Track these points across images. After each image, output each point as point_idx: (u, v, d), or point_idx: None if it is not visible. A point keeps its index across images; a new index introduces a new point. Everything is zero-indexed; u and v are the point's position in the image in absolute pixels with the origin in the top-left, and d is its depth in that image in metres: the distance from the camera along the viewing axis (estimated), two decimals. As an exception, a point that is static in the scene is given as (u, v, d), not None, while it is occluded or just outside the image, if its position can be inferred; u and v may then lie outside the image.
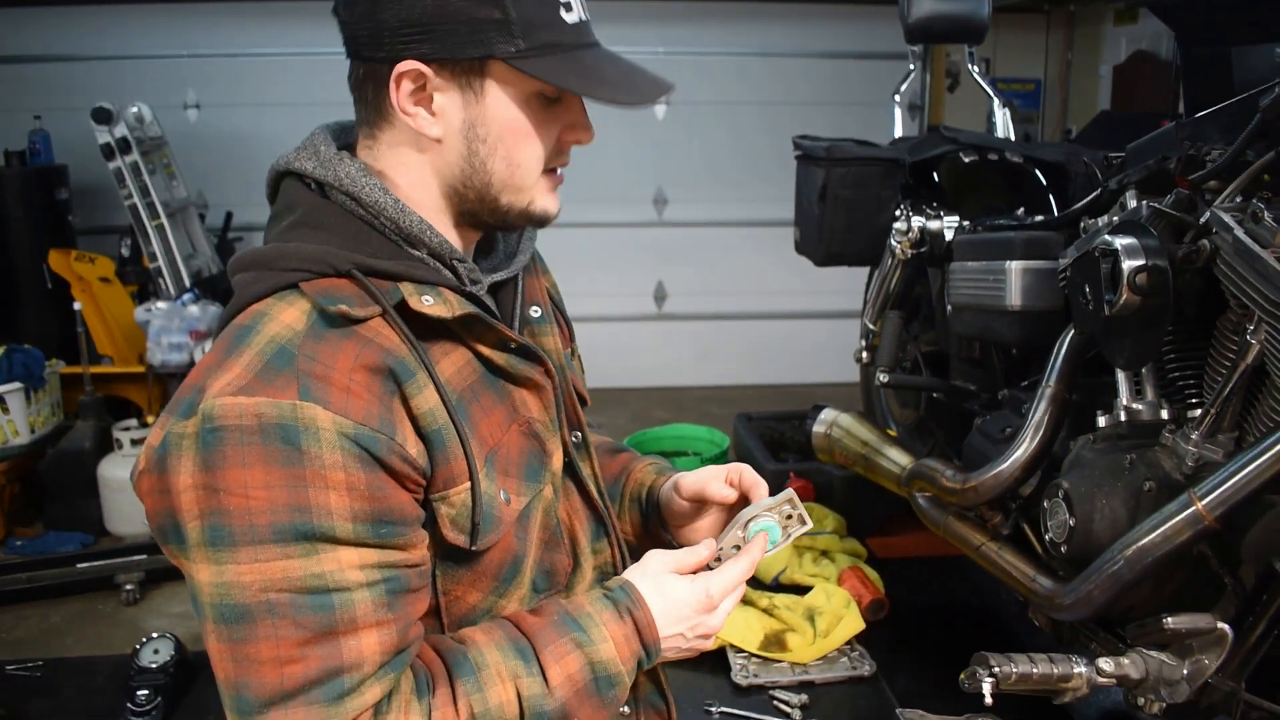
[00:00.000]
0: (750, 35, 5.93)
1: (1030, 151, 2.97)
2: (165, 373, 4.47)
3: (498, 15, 1.00)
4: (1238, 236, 1.71)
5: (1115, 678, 1.80)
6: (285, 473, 0.92)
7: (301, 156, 1.10)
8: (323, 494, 0.93)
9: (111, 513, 4.03)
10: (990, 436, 2.38)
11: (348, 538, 0.95)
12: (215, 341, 1.01)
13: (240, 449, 0.92)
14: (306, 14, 5.70)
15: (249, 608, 0.92)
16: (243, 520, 0.92)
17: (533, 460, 1.16)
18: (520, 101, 1.06)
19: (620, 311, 5.71)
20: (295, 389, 0.93)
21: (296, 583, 0.93)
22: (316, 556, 0.93)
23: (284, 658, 0.93)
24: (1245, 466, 1.64)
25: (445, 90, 1.05)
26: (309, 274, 1.01)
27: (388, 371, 0.99)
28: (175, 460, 0.94)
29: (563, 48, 1.05)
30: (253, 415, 0.92)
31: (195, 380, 0.97)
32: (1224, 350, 1.84)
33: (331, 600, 0.94)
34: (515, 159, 1.09)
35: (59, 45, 5.61)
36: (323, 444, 0.93)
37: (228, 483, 0.92)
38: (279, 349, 0.96)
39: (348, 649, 0.95)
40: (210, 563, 0.93)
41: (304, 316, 0.99)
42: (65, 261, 4.80)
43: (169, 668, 2.93)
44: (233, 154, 5.76)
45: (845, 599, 2.91)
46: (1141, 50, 5.69)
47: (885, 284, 3.14)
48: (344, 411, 0.94)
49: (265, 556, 0.92)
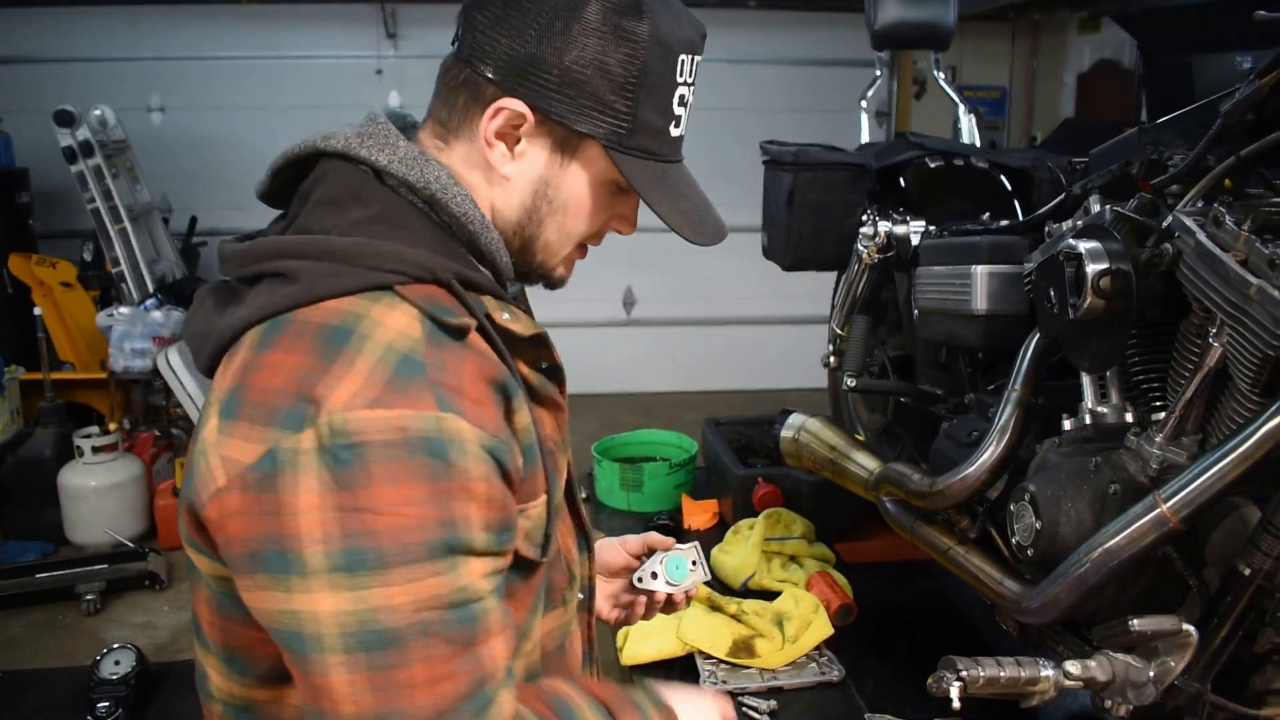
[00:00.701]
0: (718, 42, 5.91)
1: (996, 157, 2.99)
2: (128, 379, 4.43)
3: (622, 108, 1.03)
4: (1200, 240, 1.73)
5: (1082, 680, 1.80)
6: (434, 487, 0.89)
7: (370, 145, 1.05)
8: (466, 506, 0.91)
9: (72, 522, 3.98)
10: (957, 440, 2.39)
11: (482, 548, 0.93)
12: (277, 336, 0.94)
13: (387, 465, 0.87)
14: (272, 17, 5.67)
15: (400, 631, 0.87)
16: (394, 540, 0.87)
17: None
18: (596, 182, 1.09)
19: (589, 317, 5.70)
20: (432, 400, 0.90)
21: (445, 599, 0.90)
22: (458, 570, 0.91)
23: (438, 676, 0.89)
24: (1209, 469, 1.65)
25: (536, 142, 1.06)
26: (406, 278, 0.97)
27: (500, 385, 0.99)
28: (291, 478, 0.87)
29: (656, 157, 1.08)
30: (396, 429, 0.87)
31: (291, 386, 0.89)
32: (1187, 353, 1.85)
33: (473, 611, 0.92)
34: (567, 228, 1.12)
35: (20, 46, 5.55)
36: (468, 456, 0.91)
37: (374, 501, 0.86)
38: (402, 358, 0.91)
39: (486, 657, 0.93)
40: (344, 589, 0.87)
41: (416, 323, 0.94)
42: (26, 266, 4.75)
43: (130, 679, 2.89)
44: (197, 158, 5.72)
45: (814, 604, 2.90)
46: (1105, 59, 5.76)
47: (852, 289, 3.15)
48: (480, 423, 0.92)
49: (417, 575, 0.88)
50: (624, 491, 3.71)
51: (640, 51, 1.01)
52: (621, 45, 1.01)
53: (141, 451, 4.24)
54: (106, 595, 3.55)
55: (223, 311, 1.02)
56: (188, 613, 3.23)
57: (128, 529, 3.97)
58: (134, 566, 3.67)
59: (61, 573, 3.62)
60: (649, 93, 1.03)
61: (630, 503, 3.69)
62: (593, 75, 1.01)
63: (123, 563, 3.69)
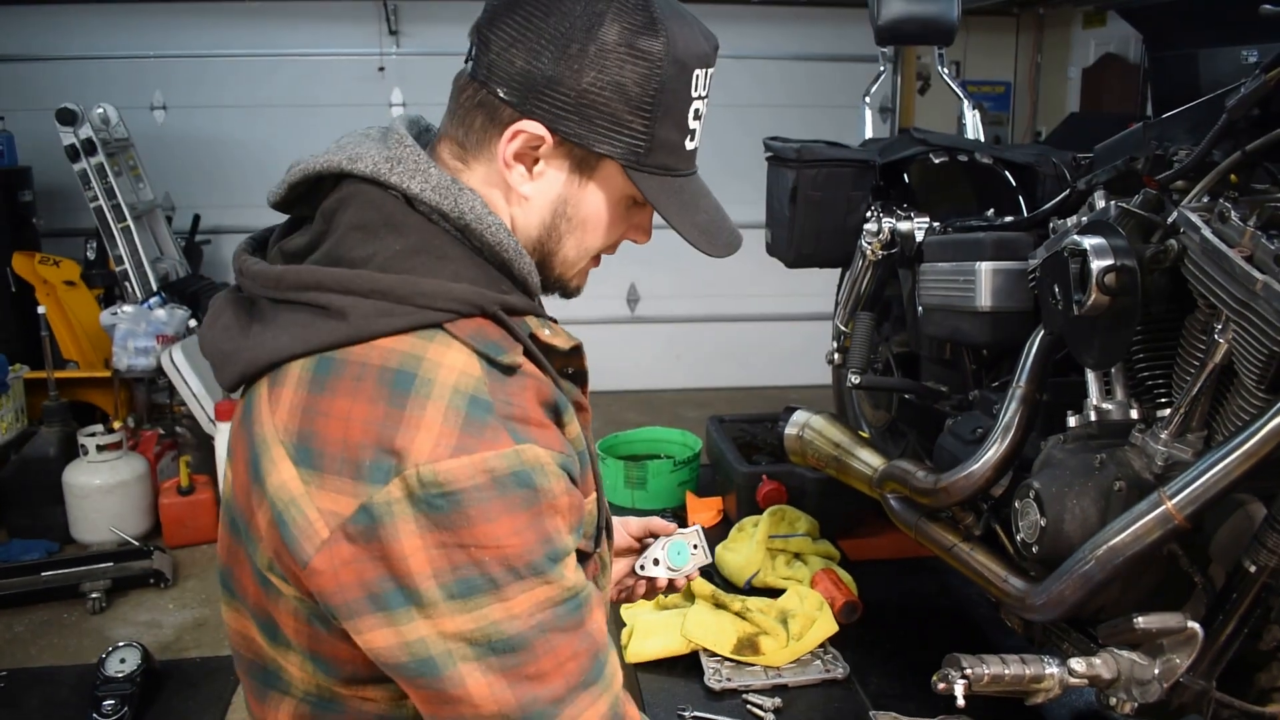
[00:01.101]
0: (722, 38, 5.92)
1: (1000, 153, 2.97)
2: (132, 377, 4.43)
3: (639, 127, 1.04)
4: (1205, 236, 1.72)
5: (1087, 678, 1.80)
6: (529, 515, 0.96)
7: (400, 171, 1.04)
8: (555, 520, 1.00)
9: (76, 520, 3.98)
10: (961, 437, 2.38)
11: (573, 546, 1.04)
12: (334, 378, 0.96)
13: (481, 508, 0.93)
14: (275, 14, 5.67)
15: (524, 635, 0.97)
16: (500, 568, 0.95)
17: None
18: (614, 199, 1.11)
19: (593, 314, 5.70)
20: (507, 436, 0.96)
21: (556, 598, 0.99)
22: (560, 572, 1.00)
23: (563, 661, 0.99)
24: (1214, 465, 1.65)
25: (555, 162, 1.07)
26: (455, 315, 1.00)
27: (553, 405, 1.06)
28: (391, 528, 0.92)
29: (673, 172, 1.09)
30: (483, 472, 0.93)
31: (369, 440, 0.93)
32: (1192, 349, 1.84)
33: (578, 599, 1.02)
34: (585, 243, 1.14)
35: (23, 45, 5.55)
36: (550, 478, 0.98)
37: (477, 539, 0.93)
38: (470, 399, 0.96)
39: (595, 630, 1.04)
40: (463, 613, 0.94)
41: (474, 361, 0.99)
42: (29, 264, 4.75)
43: (135, 677, 2.90)
44: (200, 155, 5.72)
45: (818, 601, 2.90)
46: (1110, 53, 5.74)
47: (856, 285, 3.14)
48: (549, 445, 1.00)
49: (529, 588, 0.97)
50: (628, 489, 3.71)
51: (657, 71, 1.02)
52: (638, 65, 1.02)
53: (146, 450, 4.25)
54: (111, 593, 3.55)
55: (248, 330, 1.03)
56: (192, 610, 3.25)
57: (132, 527, 3.97)
58: (139, 565, 3.67)
59: (66, 571, 3.62)
60: (666, 111, 1.04)
61: (634, 500, 3.69)
62: (610, 96, 1.02)
63: (127, 561, 3.70)
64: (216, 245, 5.69)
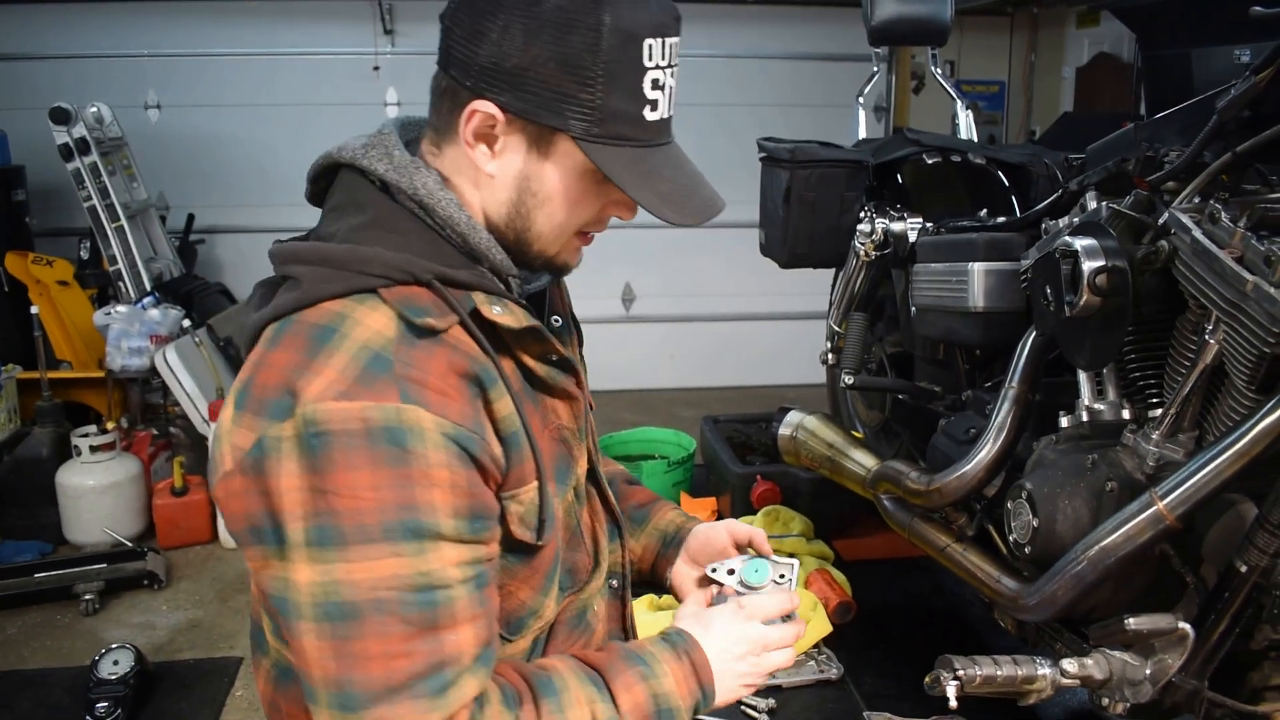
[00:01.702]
0: (715, 38, 5.94)
1: (993, 153, 2.98)
2: (125, 377, 4.42)
3: (584, 96, 1.03)
4: (1195, 237, 1.73)
5: (1079, 679, 1.81)
6: (393, 473, 0.96)
7: (372, 155, 1.11)
8: (428, 492, 0.97)
9: (70, 521, 3.96)
10: (954, 438, 2.38)
11: (450, 534, 0.99)
12: (281, 335, 1.02)
13: (348, 452, 0.95)
14: (270, 13, 5.65)
15: (357, 605, 0.95)
16: (353, 520, 0.95)
17: (562, 465, 1.21)
18: (577, 172, 1.09)
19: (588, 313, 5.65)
20: (396, 393, 0.97)
21: (405, 580, 0.96)
22: (424, 555, 0.97)
23: (391, 653, 0.96)
24: (1205, 466, 1.66)
25: (513, 140, 1.08)
26: (389, 281, 1.04)
27: (474, 377, 1.04)
28: (275, 463, 0.96)
29: (634, 143, 1.07)
30: (358, 419, 0.95)
31: (278, 380, 0.98)
32: (1183, 350, 1.85)
33: (436, 596, 0.98)
34: (556, 219, 1.12)
35: (16, 44, 5.52)
36: (428, 444, 0.97)
37: (336, 485, 0.95)
38: (374, 355, 0.99)
39: (449, 643, 0.99)
40: (315, 562, 0.96)
41: (392, 323, 1.02)
42: (22, 264, 4.73)
43: (129, 679, 2.88)
44: (194, 155, 5.69)
45: (812, 602, 2.90)
46: (1104, 52, 5.74)
47: (850, 286, 3.14)
48: (443, 413, 0.98)
49: (375, 555, 0.95)
50: (622, 489, 3.71)
51: (599, 41, 1.01)
52: (579, 37, 1.01)
53: (139, 450, 4.23)
54: (105, 595, 3.53)
55: (260, 307, 1.10)
56: (186, 612, 3.24)
57: (126, 528, 3.95)
58: (132, 566, 3.66)
59: (59, 572, 3.60)
60: (613, 81, 1.03)
61: (628, 500, 3.69)
62: (554, 70, 1.02)
63: (121, 562, 3.68)
64: (211, 245, 5.67)
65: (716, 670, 1.19)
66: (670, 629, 1.23)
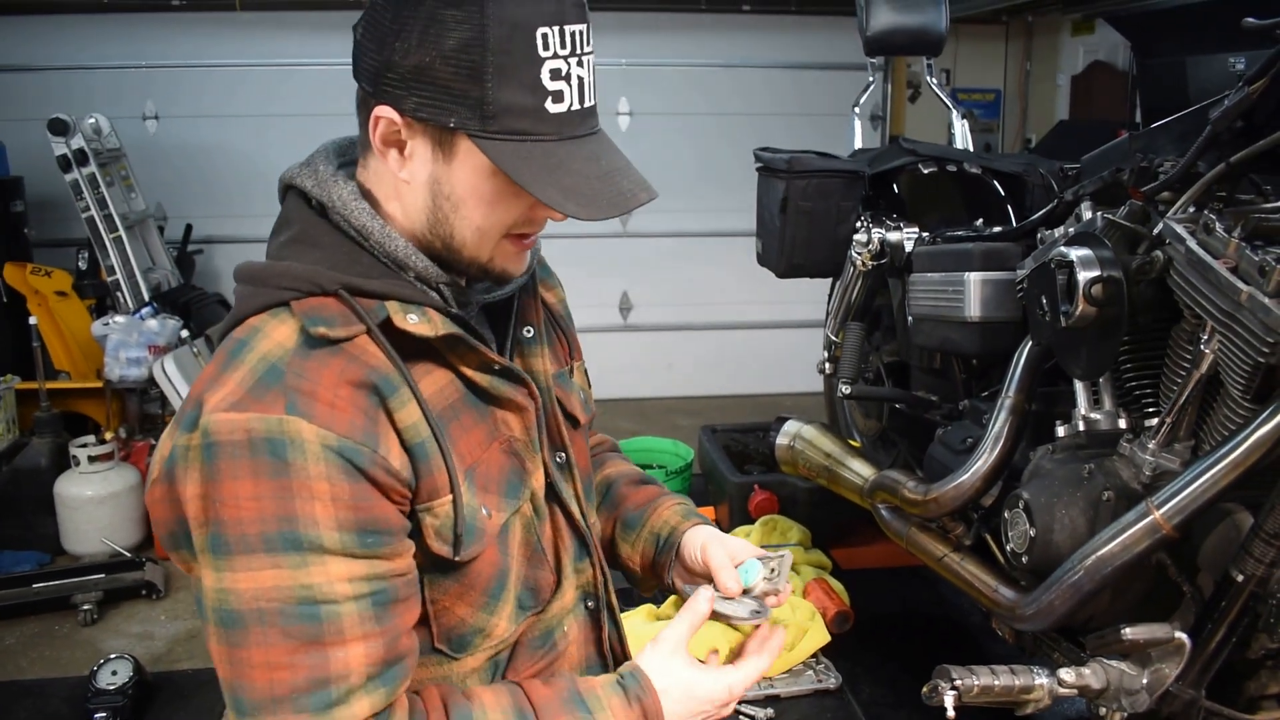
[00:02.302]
0: (712, 46, 5.95)
1: (988, 162, 2.99)
2: (123, 388, 4.42)
3: (475, 93, 1.00)
4: (1190, 247, 1.73)
5: (1076, 688, 1.81)
6: (272, 484, 0.95)
7: (303, 173, 1.13)
8: (308, 504, 0.96)
9: (68, 531, 3.96)
10: (951, 447, 2.39)
11: (335, 548, 0.97)
12: (216, 352, 1.05)
13: (232, 463, 0.95)
14: (266, 24, 5.67)
15: (242, 614, 0.96)
16: (235, 530, 0.95)
17: (512, 478, 1.17)
18: (484, 172, 1.04)
19: (585, 323, 5.66)
20: (283, 404, 0.97)
21: (286, 593, 0.96)
22: (306, 568, 0.96)
23: (273, 664, 0.96)
24: (1201, 475, 1.66)
25: (418, 143, 1.05)
26: (298, 293, 1.04)
27: (371, 387, 1.02)
28: (182, 471, 0.99)
29: (535, 137, 1.02)
30: (243, 430, 0.96)
31: (196, 392, 1.01)
32: (1179, 360, 1.85)
33: (319, 611, 0.97)
34: (476, 222, 1.08)
35: (14, 55, 5.53)
36: (307, 456, 0.96)
37: (222, 495, 0.96)
38: (270, 366, 0.99)
39: (335, 660, 0.97)
40: (211, 569, 0.97)
41: (294, 334, 1.02)
42: (21, 275, 4.74)
43: (127, 689, 2.88)
44: (192, 166, 5.70)
45: (810, 611, 2.90)
46: (1099, 60, 5.76)
47: (847, 295, 3.15)
48: (328, 425, 0.97)
49: (256, 565, 0.95)
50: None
51: (485, 34, 0.98)
52: (464, 31, 0.98)
53: (138, 460, 4.23)
54: (103, 605, 3.53)
55: None
56: (185, 622, 3.22)
57: (124, 538, 3.95)
58: (131, 576, 3.66)
59: (58, 583, 3.60)
60: (502, 73, 0.99)
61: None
62: (440, 68, 0.99)
63: (119, 572, 3.68)
64: (209, 255, 5.68)
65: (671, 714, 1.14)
66: (627, 669, 1.17)
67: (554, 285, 1.38)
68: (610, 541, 1.45)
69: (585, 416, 1.34)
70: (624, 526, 1.43)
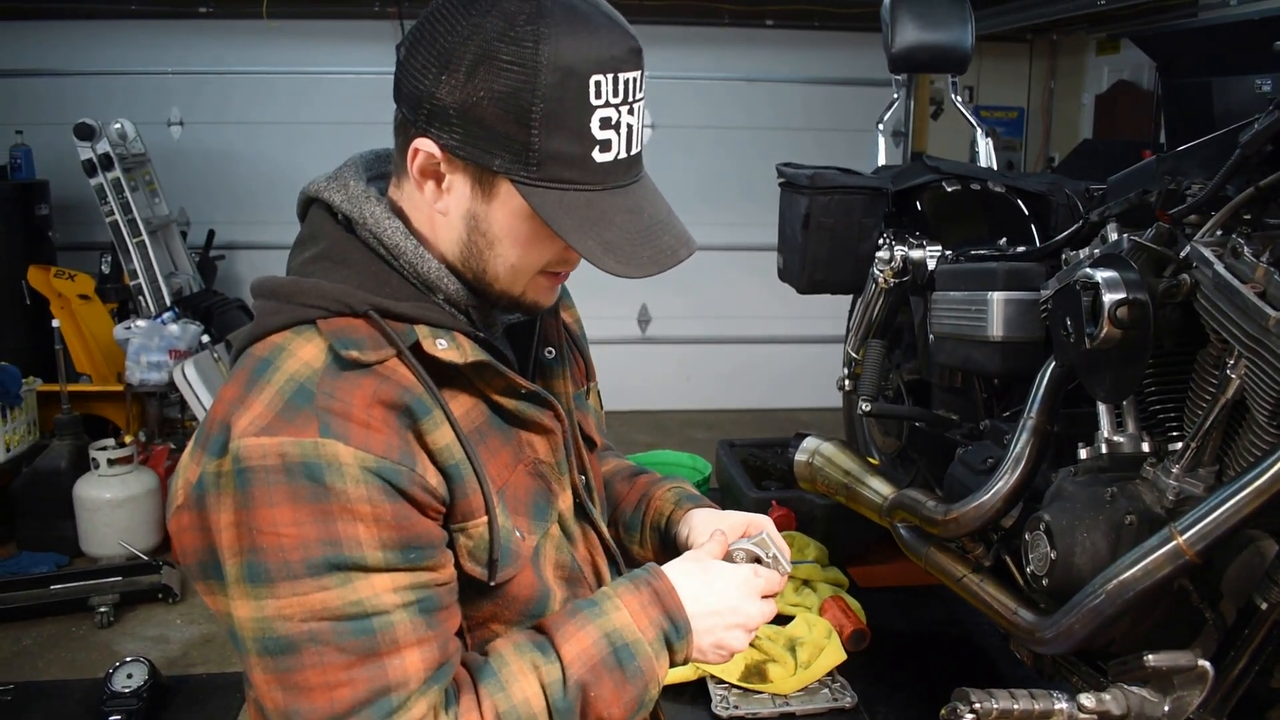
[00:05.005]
0: (739, 60, 5.96)
1: (1012, 181, 2.98)
2: (144, 392, 4.44)
3: (520, 138, 0.98)
4: (1217, 271, 1.72)
5: (1096, 714, 1.79)
6: (313, 509, 0.94)
7: (331, 187, 1.10)
8: (351, 526, 0.95)
9: (86, 534, 3.98)
10: (972, 467, 2.38)
11: (379, 565, 0.96)
12: (236, 369, 1.02)
13: (267, 489, 0.93)
14: (292, 32, 5.70)
15: (292, 639, 0.94)
16: (276, 558, 0.93)
17: (540, 500, 1.16)
18: (522, 215, 1.03)
19: (604, 334, 5.70)
20: (316, 426, 0.95)
21: (336, 611, 0.94)
22: (352, 585, 0.95)
23: (332, 682, 0.94)
24: (1225, 501, 1.64)
25: (457, 178, 1.04)
26: (326, 312, 1.02)
27: (404, 408, 1.00)
28: (214, 499, 0.96)
29: (580, 186, 1.01)
30: (276, 455, 0.94)
31: (221, 415, 0.98)
32: (1204, 384, 1.84)
33: (371, 624, 0.96)
34: (510, 261, 1.07)
35: (42, 60, 5.58)
36: (346, 479, 0.94)
37: (259, 522, 0.93)
38: (298, 387, 0.97)
39: (393, 668, 0.96)
40: (249, 599, 0.95)
41: (321, 354, 1.00)
42: (44, 278, 4.77)
43: (142, 692, 2.89)
44: (216, 172, 5.74)
45: (827, 629, 2.89)
46: (1123, 80, 5.74)
47: (868, 312, 3.14)
48: (365, 446, 0.96)
49: (302, 590, 0.94)
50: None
51: (532, 80, 0.96)
52: (512, 76, 0.96)
53: (156, 464, 4.25)
54: (119, 608, 3.55)
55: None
56: (200, 626, 3.23)
57: (142, 542, 3.97)
58: (147, 579, 3.67)
59: (75, 585, 3.62)
60: (551, 121, 0.97)
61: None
62: (489, 109, 0.97)
63: (136, 575, 3.70)
64: (231, 261, 5.71)
65: (689, 600, 1.10)
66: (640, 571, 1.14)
67: (570, 305, 1.37)
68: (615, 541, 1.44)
69: (600, 440, 1.34)
70: (626, 529, 1.43)
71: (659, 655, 1.08)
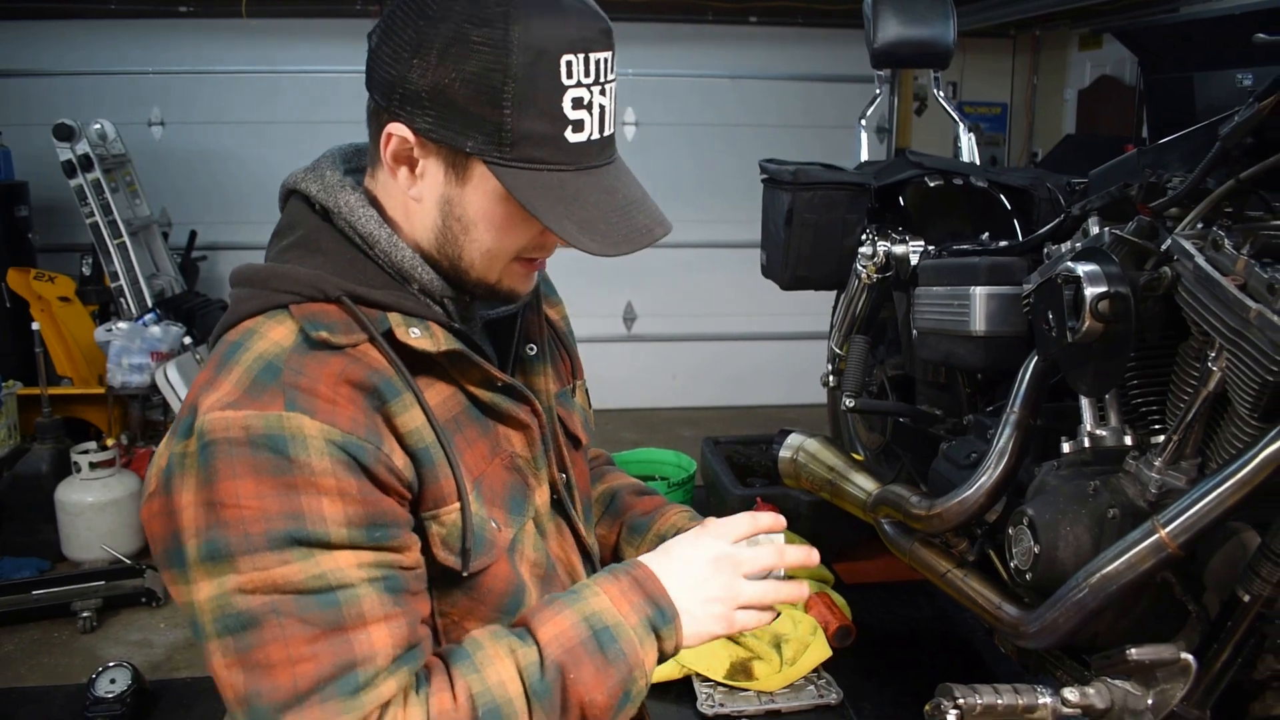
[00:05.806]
0: (718, 58, 5.96)
1: (995, 176, 2.98)
2: (126, 394, 4.41)
3: (493, 119, 0.98)
4: (1199, 264, 1.72)
5: (1080, 708, 1.79)
6: (275, 481, 0.92)
7: (308, 178, 1.11)
8: (315, 500, 0.93)
9: (69, 538, 3.95)
10: (955, 462, 2.38)
11: (342, 541, 0.95)
12: (209, 356, 1.02)
13: (230, 461, 0.92)
14: (272, 31, 5.68)
15: (254, 613, 0.92)
16: (238, 530, 0.92)
17: (516, 494, 1.15)
18: (497, 197, 1.03)
19: (589, 332, 5.70)
20: (281, 401, 0.95)
21: (298, 584, 0.92)
22: (315, 559, 0.93)
23: (295, 657, 0.92)
24: (1208, 494, 1.64)
25: (431, 163, 1.03)
26: (300, 297, 1.02)
27: (372, 389, 1.00)
28: (179, 480, 0.95)
29: (552, 166, 1.01)
30: (240, 427, 0.93)
31: (191, 399, 0.98)
32: (1186, 377, 1.84)
33: (336, 596, 0.94)
34: (486, 245, 1.07)
35: (20, 60, 5.54)
36: (311, 452, 0.93)
37: (221, 495, 0.92)
38: (266, 364, 0.97)
39: (359, 643, 0.94)
40: (209, 577, 0.93)
41: (292, 335, 1.00)
42: (24, 280, 4.74)
43: (125, 698, 2.87)
44: (197, 172, 5.71)
45: (812, 626, 2.89)
46: (1106, 75, 5.76)
47: (851, 308, 3.14)
48: (330, 420, 0.95)
49: (264, 564, 0.92)
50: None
51: (504, 60, 0.96)
52: (482, 56, 0.96)
53: (139, 467, 4.23)
54: (103, 612, 3.52)
55: None
56: (184, 630, 3.21)
57: (125, 545, 3.94)
58: (131, 583, 3.65)
59: (57, 589, 3.60)
60: (523, 101, 0.97)
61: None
62: (460, 91, 0.97)
63: (119, 579, 3.67)
64: (213, 261, 5.68)
65: (673, 584, 1.09)
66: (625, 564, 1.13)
67: (556, 302, 1.37)
68: (614, 547, 1.43)
69: (586, 437, 1.33)
70: (630, 530, 1.42)
71: (644, 641, 1.05)
